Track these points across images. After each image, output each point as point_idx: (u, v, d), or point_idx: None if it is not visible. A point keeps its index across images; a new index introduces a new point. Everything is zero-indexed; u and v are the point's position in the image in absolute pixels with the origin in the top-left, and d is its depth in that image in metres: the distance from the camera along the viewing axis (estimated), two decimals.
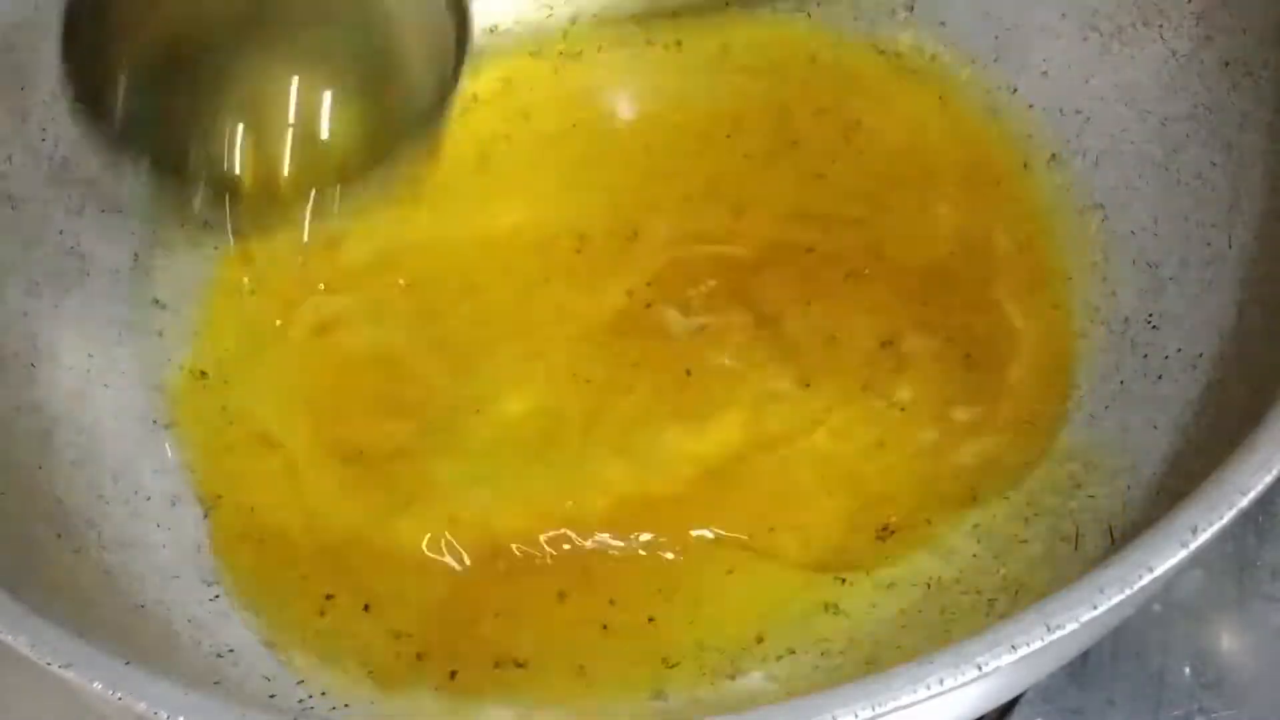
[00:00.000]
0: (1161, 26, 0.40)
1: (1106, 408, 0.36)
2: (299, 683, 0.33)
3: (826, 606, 0.35)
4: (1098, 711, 0.36)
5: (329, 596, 0.35)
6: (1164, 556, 0.25)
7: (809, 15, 0.46)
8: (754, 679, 0.33)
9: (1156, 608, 0.37)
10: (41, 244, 0.39)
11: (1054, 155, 0.42)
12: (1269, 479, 0.26)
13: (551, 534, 0.37)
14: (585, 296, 0.41)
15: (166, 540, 0.35)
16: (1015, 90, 0.43)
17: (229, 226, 0.39)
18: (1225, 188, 0.37)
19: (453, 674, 0.34)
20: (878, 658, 0.33)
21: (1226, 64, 0.38)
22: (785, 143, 0.44)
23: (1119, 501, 0.33)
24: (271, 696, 0.32)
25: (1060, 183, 0.41)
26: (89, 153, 0.40)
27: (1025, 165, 0.42)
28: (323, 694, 0.32)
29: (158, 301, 0.40)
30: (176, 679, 0.26)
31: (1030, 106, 0.43)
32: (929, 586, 0.35)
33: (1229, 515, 0.26)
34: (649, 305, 0.41)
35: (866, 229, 0.41)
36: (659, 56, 0.46)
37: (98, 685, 0.25)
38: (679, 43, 0.46)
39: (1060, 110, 0.42)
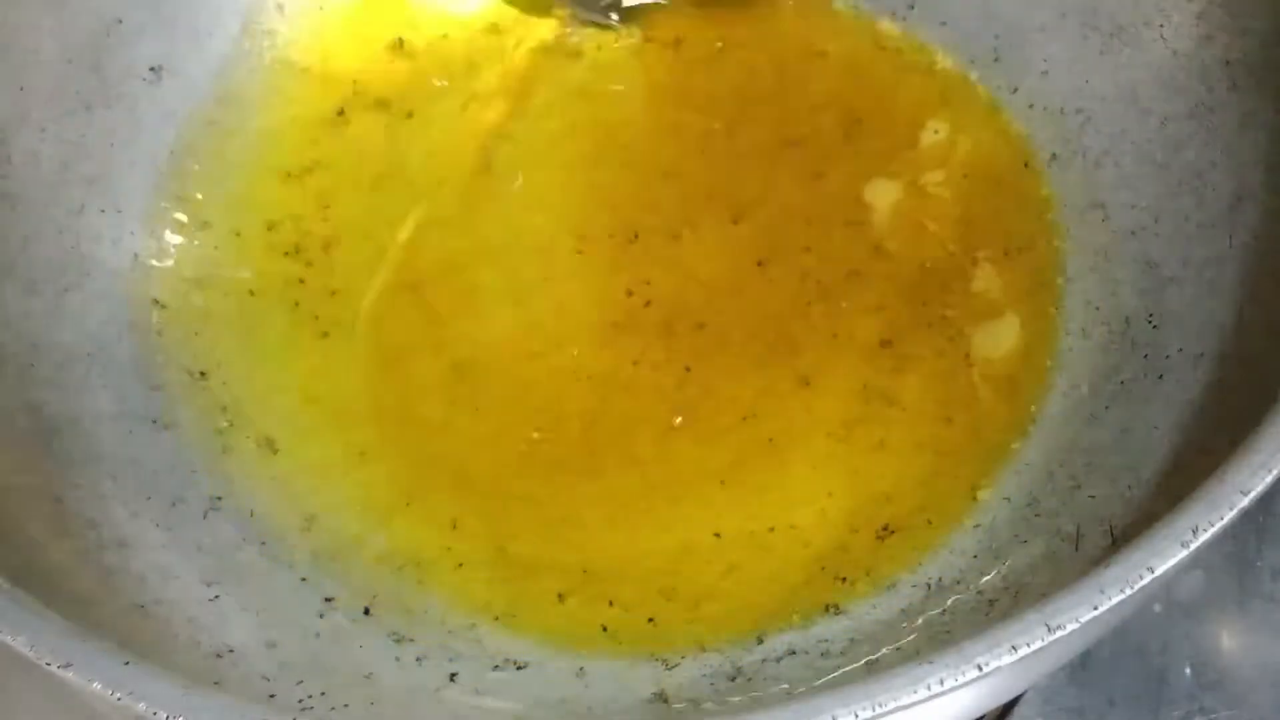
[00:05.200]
0: (1162, 26, 0.40)
1: (1106, 408, 0.36)
2: (299, 683, 0.32)
3: (826, 606, 0.35)
4: (1098, 711, 0.36)
5: (328, 599, 0.35)
6: (1165, 557, 0.25)
7: (809, 14, 0.46)
8: (754, 679, 0.33)
9: (1157, 608, 0.37)
10: (41, 244, 0.39)
11: (1054, 155, 0.42)
12: (1270, 479, 0.26)
13: (550, 533, 0.37)
14: (585, 296, 0.41)
15: (166, 540, 0.35)
16: (1015, 90, 0.43)
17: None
18: (1225, 188, 0.37)
19: (452, 676, 0.34)
20: (878, 658, 0.33)
21: (1227, 63, 0.38)
22: (785, 142, 0.44)
23: (1119, 501, 0.33)
24: (271, 696, 0.32)
25: (1060, 183, 0.41)
26: (89, 153, 0.40)
27: (1025, 165, 0.42)
28: (322, 694, 0.32)
29: (158, 301, 0.40)
30: (176, 679, 0.26)
31: (1030, 106, 0.42)
32: (929, 586, 0.35)
33: (1230, 515, 0.26)
34: (649, 305, 0.41)
35: (866, 229, 0.41)
36: (658, 55, 0.46)
37: (98, 685, 0.25)
38: (678, 41, 0.46)
39: (1060, 110, 0.42)
